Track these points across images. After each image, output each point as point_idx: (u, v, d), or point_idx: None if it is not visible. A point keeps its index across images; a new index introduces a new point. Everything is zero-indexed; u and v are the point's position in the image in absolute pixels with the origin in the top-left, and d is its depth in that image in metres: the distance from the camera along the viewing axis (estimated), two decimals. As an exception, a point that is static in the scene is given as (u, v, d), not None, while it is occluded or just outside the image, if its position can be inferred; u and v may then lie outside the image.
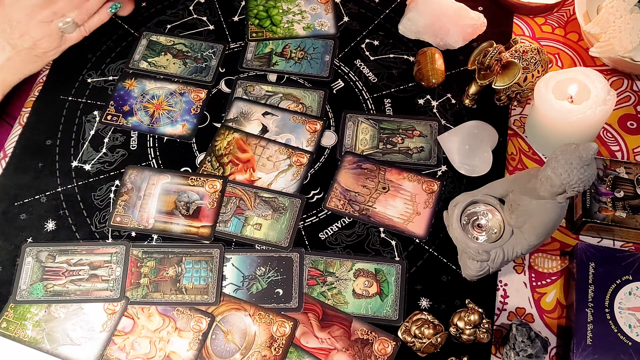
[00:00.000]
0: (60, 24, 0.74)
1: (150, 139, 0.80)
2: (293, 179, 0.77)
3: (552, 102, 0.73)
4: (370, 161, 0.78)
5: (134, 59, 0.86)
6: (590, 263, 0.67)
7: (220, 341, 0.67)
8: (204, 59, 0.87)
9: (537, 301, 0.70)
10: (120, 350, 0.66)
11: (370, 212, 0.74)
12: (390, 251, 0.72)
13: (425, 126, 0.81)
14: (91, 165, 0.78)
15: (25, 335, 0.67)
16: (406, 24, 0.87)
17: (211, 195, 0.75)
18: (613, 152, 0.79)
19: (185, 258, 0.71)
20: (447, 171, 0.78)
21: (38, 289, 0.69)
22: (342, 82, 0.85)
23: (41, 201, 0.76)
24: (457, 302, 0.69)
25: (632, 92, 0.84)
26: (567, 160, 0.56)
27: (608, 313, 0.65)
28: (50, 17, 0.74)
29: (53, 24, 0.74)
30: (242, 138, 0.80)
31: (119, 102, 0.83)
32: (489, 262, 0.66)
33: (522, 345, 0.63)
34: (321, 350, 0.66)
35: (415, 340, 0.65)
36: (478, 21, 0.87)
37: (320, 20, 0.90)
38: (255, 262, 0.71)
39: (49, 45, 0.76)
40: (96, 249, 0.72)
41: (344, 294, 0.69)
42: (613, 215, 0.70)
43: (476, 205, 0.69)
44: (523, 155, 0.80)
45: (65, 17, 0.74)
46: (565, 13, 0.91)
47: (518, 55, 0.78)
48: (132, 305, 0.69)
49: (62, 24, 0.74)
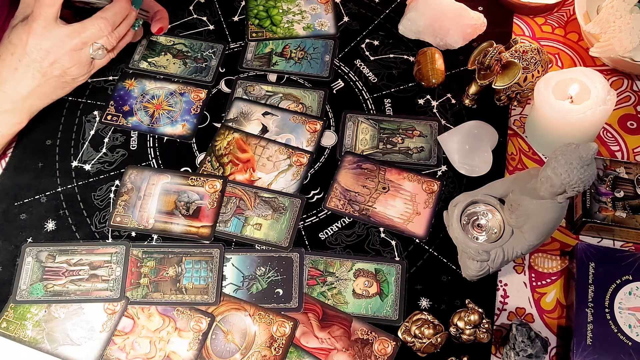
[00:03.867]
0: (91, 50, 0.74)
1: (150, 139, 0.80)
2: (293, 179, 0.77)
3: (552, 102, 0.73)
4: (370, 161, 0.78)
5: (134, 59, 0.86)
6: (590, 263, 0.67)
7: (220, 341, 0.67)
8: (204, 59, 0.87)
9: (537, 301, 0.70)
10: (120, 350, 0.66)
11: (370, 212, 0.74)
12: (390, 251, 0.72)
13: (425, 126, 0.81)
14: (91, 165, 0.78)
15: (25, 335, 0.67)
16: (406, 24, 0.87)
17: (211, 195, 0.75)
18: (613, 152, 0.79)
19: (185, 258, 0.71)
20: (447, 171, 0.78)
21: (38, 289, 0.69)
22: (342, 82, 0.85)
23: (41, 201, 0.76)
24: (457, 302, 0.69)
25: (632, 92, 0.84)
26: (567, 160, 0.56)
27: (608, 313, 0.65)
28: (81, 46, 0.73)
29: (83, 52, 0.74)
30: (242, 138, 0.80)
31: (119, 102, 0.83)
32: (489, 262, 0.66)
33: (522, 345, 0.63)
34: (321, 350, 0.66)
35: (415, 340, 0.65)
36: (478, 21, 0.87)
37: (320, 20, 0.90)
38: (255, 262, 0.71)
39: (78, 72, 0.75)
40: (96, 249, 0.72)
41: (344, 294, 0.69)
42: (613, 215, 0.70)
43: (476, 205, 0.69)
44: (523, 155, 0.80)
45: (95, 44, 0.74)
46: (565, 13, 0.91)
47: (518, 55, 0.78)
48: (132, 305, 0.69)
49: (92, 50, 0.74)
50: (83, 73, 0.76)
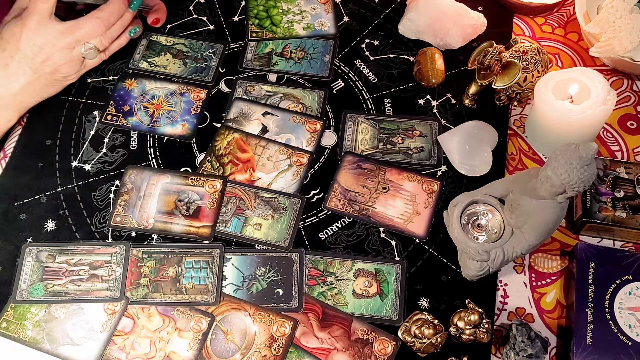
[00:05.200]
0: (83, 49, 0.74)
1: (150, 139, 0.80)
2: (293, 179, 0.77)
3: (552, 102, 0.73)
4: (370, 161, 0.78)
5: (134, 59, 0.86)
6: (590, 263, 0.67)
7: (220, 341, 0.67)
8: (204, 59, 0.87)
9: (537, 301, 0.70)
10: (120, 350, 0.66)
11: (370, 212, 0.74)
12: (390, 251, 0.72)
13: (425, 126, 0.81)
14: (91, 165, 0.78)
15: (25, 335, 0.67)
16: (406, 24, 0.87)
17: (211, 195, 0.75)
18: (613, 152, 0.79)
19: (185, 258, 0.71)
20: (447, 171, 0.78)
21: (38, 289, 0.69)
22: (342, 82, 0.85)
23: (41, 201, 0.76)
24: (457, 302, 0.69)
25: (632, 92, 0.84)
26: (567, 160, 0.56)
27: (608, 313, 0.65)
28: (74, 44, 0.74)
29: (75, 50, 0.74)
30: (242, 138, 0.80)
31: (119, 102, 0.83)
32: (489, 262, 0.66)
33: (522, 345, 0.63)
34: (321, 350, 0.66)
35: (415, 340, 0.65)
36: (478, 21, 0.87)
37: (320, 20, 0.90)
38: (255, 262, 0.71)
39: (69, 70, 0.76)
40: (96, 249, 0.72)
41: (344, 294, 0.69)
42: (613, 215, 0.70)
43: (476, 205, 0.69)
44: (523, 155, 0.80)
45: (87, 44, 0.74)
46: (565, 13, 0.91)
47: (518, 55, 0.78)
48: (132, 305, 0.69)
49: (84, 49, 0.74)
50: (74, 72, 0.76)
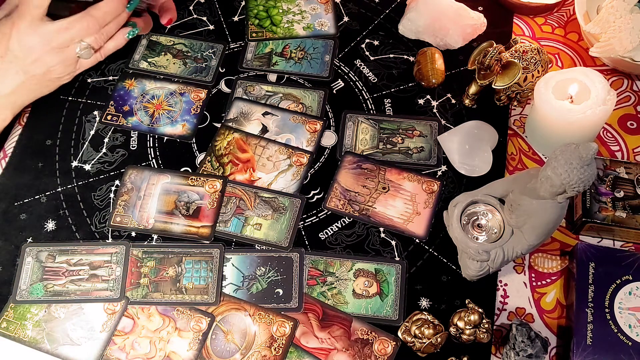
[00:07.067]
0: (77, 49, 0.72)
1: (150, 139, 0.80)
2: (293, 179, 0.77)
3: (552, 102, 0.73)
4: (370, 161, 0.78)
5: (134, 59, 0.86)
6: (590, 263, 0.67)
7: (220, 341, 0.67)
8: (204, 59, 0.87)
9: (537, 301, 0.70)
10: (120, 350, 0.66)
11: (370, 212, 0.74)
12: (390, 251, 0.72)
13: (425, 126, 0.81)
14: (91, 165, 0.78)
15: (25, 335, 0.67)
16: (406, 24, 0.87)
17: (211, 195, 0.75)
18: (613, 152, 0.79)
19: (185, 258, 0.71)
20: (447, 171, 0.78)
21: (38, 289, 0.69)
22: (342, 82, 0.85)
23: (41, 201, 0.76)
24: (457, 302, 0.69)
25: (632, 92, 0.84)
26: (567, 160, 0.56)
27: (608, 313, 0.65)
28: (67, 43, 0.71)
29: (69, 50, 0.72)
30: (242, 138, 0.80)
31: (119, 102, 0.83)
32: (489, 262, 0.66)
33: (522, 345, 0.63)
34: (321, 350, 0.66)
35: (415, 340, 0.65)
36: (478, 21, 0.87)
37: (320, 20, 0.90)
38: (255, 262, 0.71)
39: (63, 70, 0.74)
40: (96, 249, 0.72)
41: (344, 294, 0.69)
42: (613, 215, 0.70)
43: (476, 205, 0.69)
44: (523, 155, 0.80)
45: (82, 42, 0.72)
46: (565, 13, 0.91)
47: (518, 55, 0.78)
48: (132, 305, 0.69)
49: (78, 49, 0.72)
50: (67, 72, 0.75)
